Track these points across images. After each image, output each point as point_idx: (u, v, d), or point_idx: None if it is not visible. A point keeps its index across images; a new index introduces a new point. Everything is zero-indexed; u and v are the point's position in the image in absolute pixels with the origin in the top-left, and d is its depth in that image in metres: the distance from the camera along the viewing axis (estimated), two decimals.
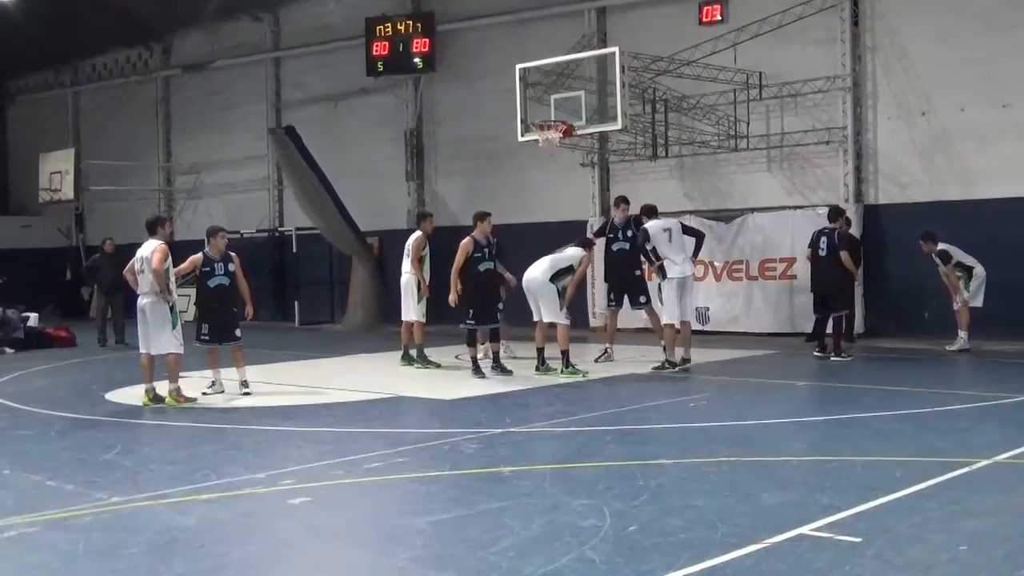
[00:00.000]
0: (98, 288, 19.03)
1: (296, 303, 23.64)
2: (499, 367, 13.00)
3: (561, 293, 12.82)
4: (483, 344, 13.33)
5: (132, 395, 11.84)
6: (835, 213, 14.60)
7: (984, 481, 7.01)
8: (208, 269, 11.63)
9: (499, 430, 9.23)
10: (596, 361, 14.04)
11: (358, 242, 21.89)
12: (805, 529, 5.76)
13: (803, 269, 15.99)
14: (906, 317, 16.50)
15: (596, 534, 5.75)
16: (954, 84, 16.14)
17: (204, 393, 11.60)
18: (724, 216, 17.89)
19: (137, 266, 11.21)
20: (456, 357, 14.77)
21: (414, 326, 14.00)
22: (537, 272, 12.86)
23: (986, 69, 15.81)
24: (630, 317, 15.54)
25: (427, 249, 14.03)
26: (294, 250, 23.97)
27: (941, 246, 14.63)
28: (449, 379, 13.05)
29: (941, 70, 16.27)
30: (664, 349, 13.37)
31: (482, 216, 13.14)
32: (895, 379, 12.34)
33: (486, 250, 12.93)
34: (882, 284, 16.54)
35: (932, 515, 6.09)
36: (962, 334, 14.59)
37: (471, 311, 12.78)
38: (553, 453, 8.31)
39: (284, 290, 24.47)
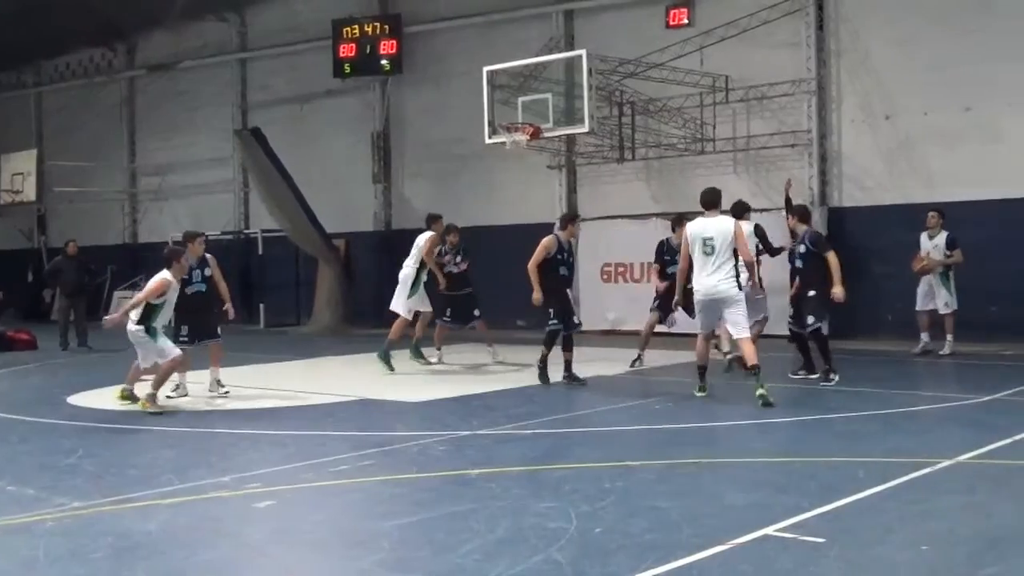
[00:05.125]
0: (60, 291, 18.80)
1: (262, 305, 23.50)
2: (571, 376, 12.15)
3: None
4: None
5: (95, 399, 11.72)
6: (803, 212, 13.47)
7: (946, 481, 7.08)
8: (186, 277, 11.52)
9: (466, 432, 9.22)
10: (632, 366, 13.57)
11: (324, 244, 21.80)
12: (770, 530, 5.79)
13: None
14: (869, 319, 16.63)
15: (562, 536, 5.75)
16: (917, 88, 16.32)
17: (168, 396, 11.49)
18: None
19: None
20: (440, 360, 14.62)
21: (396, 321, 13.90)
22: (717, 279, 10.72)
23: (949, 73, 16.00)
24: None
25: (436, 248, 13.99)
26: (260, 252, 23.80)
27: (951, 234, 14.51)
28: (417, 381, 13.00)
29: (904, 74, 16.45)
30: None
31: (572, 218, 12.49)
32: (859, 380, 12.42)
33: (566, 253, 12.21)
34: (846, 286, 16.57)
35: (894, 515, 6.15)
36: (949, 337, 14.64)
37: (552, 311, 11.97)
38: (520, 455, 8.30)
39: (250, 292, 24.27)
